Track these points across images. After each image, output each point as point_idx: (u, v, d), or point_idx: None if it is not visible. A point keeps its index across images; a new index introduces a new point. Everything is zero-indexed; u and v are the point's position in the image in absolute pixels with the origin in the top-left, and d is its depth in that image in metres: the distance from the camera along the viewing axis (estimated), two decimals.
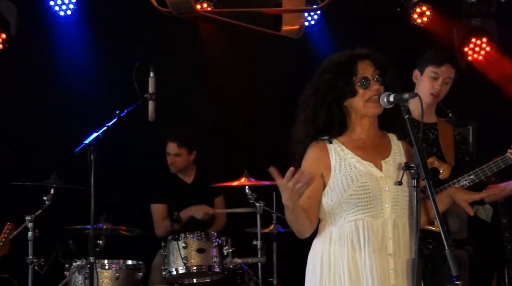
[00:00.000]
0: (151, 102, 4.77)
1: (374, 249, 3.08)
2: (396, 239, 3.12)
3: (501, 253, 6.04)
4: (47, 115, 6.72)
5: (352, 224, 3.12)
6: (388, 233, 3.11)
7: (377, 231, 3.10)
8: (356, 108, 3.17)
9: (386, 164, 3.16)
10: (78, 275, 5.16)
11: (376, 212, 3.11)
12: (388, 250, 3.10)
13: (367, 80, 3.14)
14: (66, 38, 6.95)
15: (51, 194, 5.30)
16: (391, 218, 3.12)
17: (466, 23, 7.19)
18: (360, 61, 3.18)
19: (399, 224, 3.13)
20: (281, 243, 5.63)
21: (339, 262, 3.12)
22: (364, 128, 3.20)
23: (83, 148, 4.65)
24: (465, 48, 7.18)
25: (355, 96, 3.14)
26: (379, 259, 3.09)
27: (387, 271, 3.09)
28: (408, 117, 3.02)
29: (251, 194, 5.47)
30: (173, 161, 6.12)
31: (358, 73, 3.15)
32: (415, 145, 2.95)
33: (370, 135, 3.20)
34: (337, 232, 3.14)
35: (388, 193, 3.12)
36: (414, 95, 3.08)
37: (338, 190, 3.13)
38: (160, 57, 6.25)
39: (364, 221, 3.11)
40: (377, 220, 3.11)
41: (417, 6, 7.08)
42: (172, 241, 5.37)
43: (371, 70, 3.16)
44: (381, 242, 3.10)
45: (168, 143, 6.12)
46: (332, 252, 3.14)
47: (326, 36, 7.11)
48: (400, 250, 3.12)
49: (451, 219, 6.43)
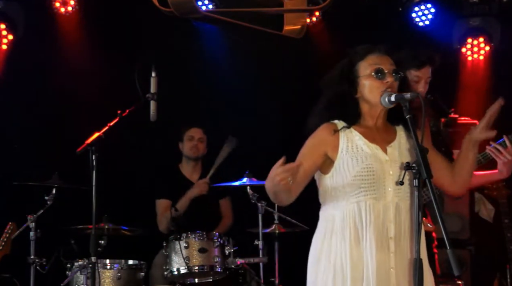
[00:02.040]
0: (153, 102, 4.76)
1: (374, 231, 3.12)
2: (398, 222, 3.15)
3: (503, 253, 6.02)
4: (49, 115, 6.73)
5: (354, 205, 3.16)
6: (389, 216, 3.14)
7: (378, 214, 3.14)
8: (369, 100, 3.21)
9: (391, 148, 3.22)
10: (80, 274, 5.16)
11: (378, 195, 3.15)
12: (389, 233, 3.13)
13: (382, 72, 3.16)
14: (68, 38, 6.95)
15: (53, 193, 5.30)
16: (393, 201, 3.16)
17: (465, 23, 7.20)
18: (377, 54, 3.22)
19: (401, 207, 3.17)
20: (282, 243, 5.63)
21: (339, 250, 3.15)
22: (373, 118, 3.25)
23: (84, 147, 4.65)
24: (463, 48, 7.19)
25: (368, 87, 3.18)
26: (379, 242, 3.12)
27: (387, 254, 3.12)
28: (409, 117, 3.03)
29: (253, 194, 5.47)
30: (197, 144, 6.29)
31: (371, 64, 3.18)
32: (416, 145, 2.96)
33: (379, 124, 3.26)
34: (340, 215, 3.18)
35: (392, 177, 3.17)
36: (415, 95, 3.09)
37: (343, 171, 3.18)
38: (162, 57, 6.25)
39: (366, 203, 3.14)
40: (379, 203, 3.15)
41: (419, 5, 7.08)
42: (174, 240, 5.37)
43: (388, 64, 3.20)
44: (381, 225, 3.13)
45: (191, 128, 6.32)
46: (334, 239, 3.17)
47: (328, 36, 7.11)
48: (401, 233, 3.15)
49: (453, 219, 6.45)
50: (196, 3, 3.07)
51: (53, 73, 6.79)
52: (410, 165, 2.97)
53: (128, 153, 6.67)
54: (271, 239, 5.62)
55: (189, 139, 6.29)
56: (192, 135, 6.29)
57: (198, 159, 6.32)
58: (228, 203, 6.34)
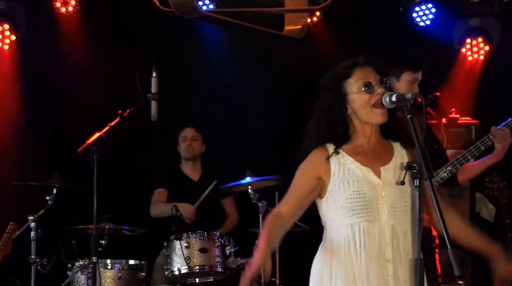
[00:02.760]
0: (154, 102, 4.76)
1: (370, 254, 3.08)
2: (395, 246, 3.11)
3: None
4: (50, 115, 6.73)
5: (348, 228, 3.12)
6: (385, 239, 3.10)
7: (374, 237, 3.10)
8: (361, 115, 3.17)
9: (385, 171, 3.16)
10: (81, 274, 5.17)
11: (372, 217, 3.10)
12: (386, 256, 3.09)
13: (370, 84, 3.14)
14: (68, 38, 6.96)
15: (53, 193, 5.30)
16: (389, 224, 3.11)
17: (465, 23, 7.20)
18: (360, 68, 3.19)
19: (398, 230, 3.12)
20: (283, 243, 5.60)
21: (337, 270, 3.13)
22: (366, 136, 3.20)
23: (85, 147, 4.65)
24: (463, 48, 7.19)
25: (359, 102, 3.15)
26: (376, 264, 3.08)
27: (385, 277, 3.08)
28: (410, 117, 3.01)
29: (254, 194, 5.47)
30: (191, 143, 6.31)
31: (358, 79, 3.15)
32: (417, 145, 2.94)
33: (372, 142, 3.21)
34: (336, 238, 3.16)
35: (385, 199, 3.12)
36: (416, 95, 3.08)
37: (335, 194, 3.14)
38: (162, 57, 6.25)
39: (360, 226, 3.11)
40: (374, 226, 3.11)
41: (419, 5, 7.08)
42: (175, 240, 5.38)
43: (373, 75, 3.17)
44: (378, 248, 3.10)
45: (184, 129, 6.34)
46: (333, 260, 3.15)
47: (328, 36, 7.12)
48: (401, 257, 3.11)
49: None
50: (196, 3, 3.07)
51: (54, 73, 6.78)
52: (411, 165, 2.95)
53: (129, 152, 6.68)
54: None
55: (183, 140, 6.33)
56: (185, 136, 6.32)
57: (195, 158, 6.33)
58: (231, 202, 6.36)
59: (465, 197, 6.48)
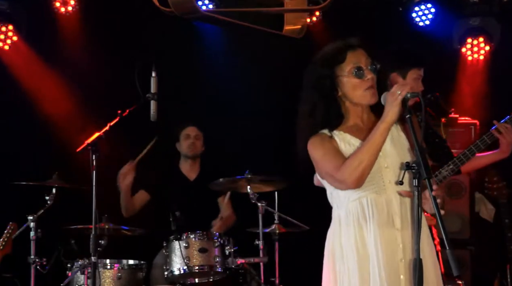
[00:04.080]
0: (153, 102, 4.76)
1: (380, 223, 3.12)
2: (404, 214, 3.15)
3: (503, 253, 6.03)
4: (49, 114, 6.73)
5: (356, 202, 3.17)
6: (393, 208, 3.15)
7: (382, 207, 3.15)
8: (352, 98, 3.22)
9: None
10: (80, 274, 5.16)
11: (378, 188, 3.16)
12: (395, 225, 3.13)
13: (360, 69, 3.17)
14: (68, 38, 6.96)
15: (53, 193, 5.30)
16: (395, 193, 3.16)
17: (465, 23, 7.20)
18: (352, 51, 3.22)
19: (405, 199, 3.16)
20: (283, 242, 5.62)
21: (348, 243, 3.16)
22: (358, 115, 3.27)
23: (85, 147, 4.65)
24: (463, 48, 7.19)
25: (350, 86, 3.18)
26: (387, 233, 3.12)
27: (395, 245, 3.12)
28: (409, 117, 3.03)
29: (253, 194, 5.47)
30: (194, 142, 6.28)
31: (349, 63, 3.19)
32: (415, 145, 2.96)
33: (365, 120, 3.27)
34: (344, 213, 3.20)
35: (388, 170, 3.18)
36: (415, 94, 3.10)
37: None
38: (162, 57, 6.25)
39: (367, 198, 3.15)
40: (381, 197, 3.15)
41: (419, 5, 7.08)
42: (174, 240, 5.37)
43: (364, 58, 3.22)
44: (386, 217, 3.14)
45: (186, 127, 6.31)
46: (343, 235, 3.19)
47: (328, 36, 7.11)
48: (409, 224, 3.15)
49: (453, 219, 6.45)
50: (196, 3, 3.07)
51: (54, 73, 6.79)
52: (410, 164, 2.96)
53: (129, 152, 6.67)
54: (271, 239, 5.62)
55: (185, 138, 6.30)
56: (188, 133, 6.30)
57: (196, 156, 6.33)
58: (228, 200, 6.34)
59: (464, 197, 6.49)
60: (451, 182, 6.39)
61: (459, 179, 6.42)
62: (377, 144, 3.07)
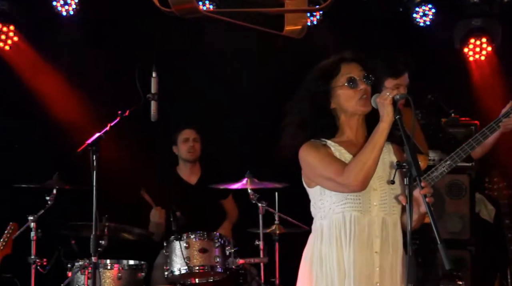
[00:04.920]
0: (154, 103, 4.76)
1: (359, 245, 3.13)
2: (385, 237, 3.16)
3: (503, 254, 6.03)
4: (49, 115, 6.73)
5: (340, 215, 3.17)
6: (375, 231, 3.16)
7: (363, 228, 3.15)
8: (346, 109, 3.23)
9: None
10: (81, 275, 5.16)
11: (364, 209, 3.16)
12: (374, 248, 3.14)
13: (353, 80, 3.18)
14: (68, 38, 6.96)
15: (53, 194, 5.30)
16: (379, 216, 3.17)
17: (466, 23, 7.19)
18: (346, 64, 3.25)
19: (388, 222, 3.18)
20: (283, 243, 5.63)
21: (329, 258, 3.17)
22: (352, 129, 3.26)
23: (85, 147, 4.65)
24: (464, 48, 7.19)
25: (343, 97, 3.19)
26: (364, 256, 3.13)
27: (371, 268, 3.13)
28: (399, 117, 3.04)
29: (254, 194, 5.47)
30: (194, 145, 6.20)
31: (343, 74, 3.20)
32: (406, 144, 2.98)
33: (359, 136, 3.26)
34: (327, 224, 3.20)
35: (375, 192, 3.18)
36: (404, 96, 3.12)
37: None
38: (162, 57, 6.25)
39: (351, 214, 3.16)
40: (364, 217, 3.15)
41: (419, 6, 7.08)
42: (175, 241, 5.37)
43: (358, 71, 3.22)
44: (366, 239, 3.14)
45: (184, 130, 6.23)
46: (323, 248, 3.19)
47: (329, 36, 7.11)
48: (389, 247, 3.16)
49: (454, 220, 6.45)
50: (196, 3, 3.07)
51: (54, 73, 6.79)
52: (401, 163, 2.98)
53: (129, 153, 6.67)
54: (271, 239, 5.62)
55: (184, 142, 6.22)
56: (187, 137, 6.23)
57: (196, 160, 6.29)
58: (230, 201, 6.35)
59: (465, 197, 6.48)
60: (451, 182, 6.39)
61: (459, 179, 6.42)
62: (379, 143, 3.07)
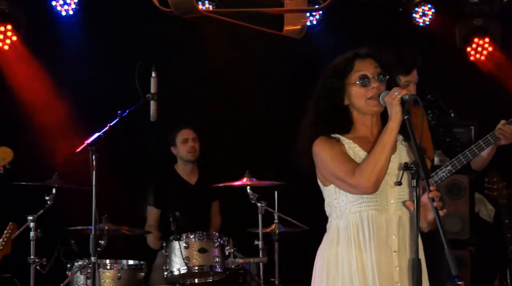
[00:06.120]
0: (153, 102, 4.76)
1: (377, 245, 3.09)
2: (402, 236, 3.12)
3: (503, 254, 6.03)
4: (49, 115, 6.73)
5: (357, 215, 3.13)
6: (392, 230, 3.12)
7: (381, 227, 3.11)
8: (358, 107, 3.18)
9: (392, 162, 3.14)
10: (80, 275, 5.16)
11: (381, 207, 3.12)
12: (392, 248, 3.11)
13: (366, 78, 3.14)
14: (68, 38, 6.96)
15: (53, 194, 5.29)
16: (396, 214, 3.13)
17: (468, 23, 7.19)
18: (360, 60, 3.19)
19: (405, 221, 3.14)
20: (282, 243, 5.63)
21: (346, 259, 3.12)
22: (367, 127, 3.21)
23: (84, 147, 4.65)
24: (467, 48, 7.18)
25: (354, 94, 3.16)
26: (384, 255, 3.09)
27: (391, 268, 3.09)
28: (407, 118, 3.02)
29: (253, 194, 5.47)
30: (193, 145, 6.16)
31: (356, 71, 3.16)
32: (414, 146, 2.96)
33: (375, 133, 3.20)
34: (343, 224, 3.15)
35: (393, 190, 3.14)
36: (413, 97, 3.08)
37: None
38: (162, 57, 6.25)
39: (368, 214, 3.12)
40: (381, 216, 3.12)
41: (419, 6, 7.08)
42: (174, 241, 5.37)
43: (372, 68, 3.17)
44: (385, 238, 3.10)
45: (182, 130, 6.19)
46: (339, 250, 3.14)
47: (328, 36, 7.11)
48: (406, 247, 3.12)
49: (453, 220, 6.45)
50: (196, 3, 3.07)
51: (53, 73, 6.79)
52: (409, 165, 2.96)
53: (129, 153, 6.67)
54: (271, 239, 5.62)
55: (183, 142, 6.19)
56: (186, 137, 6.19)
57: (196, 160, 6.27)
58: (217, 205, 6.35)
59: (464, 197, 6.48)
60: (451, 182, 6.39)
61: (459, 179, 6.42)
62: (388, 143, 3.03)
